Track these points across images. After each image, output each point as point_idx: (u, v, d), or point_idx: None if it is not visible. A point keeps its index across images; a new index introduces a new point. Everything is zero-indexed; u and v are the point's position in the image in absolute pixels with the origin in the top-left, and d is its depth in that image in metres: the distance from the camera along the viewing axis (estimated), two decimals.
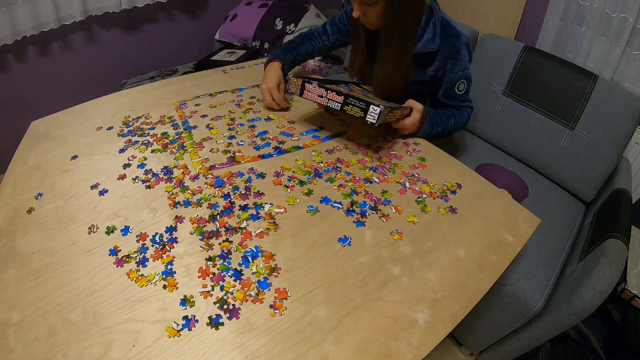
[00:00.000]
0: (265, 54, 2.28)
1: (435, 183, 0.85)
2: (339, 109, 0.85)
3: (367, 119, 0.80)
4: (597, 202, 1.26)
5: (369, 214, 0.75)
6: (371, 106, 0.80)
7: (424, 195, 0.81)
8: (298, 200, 0.76)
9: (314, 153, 0.90)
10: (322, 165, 0.86)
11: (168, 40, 2.41)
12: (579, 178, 1.32)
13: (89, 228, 0.71)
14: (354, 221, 0.73)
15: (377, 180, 0.83)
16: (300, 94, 0.91)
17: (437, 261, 0.68)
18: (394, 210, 0.76)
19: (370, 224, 0.73)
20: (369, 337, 0.56)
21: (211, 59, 2.23)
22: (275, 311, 0.57)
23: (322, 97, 0.87)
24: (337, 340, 0.55)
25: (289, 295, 0.60)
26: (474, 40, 1.56)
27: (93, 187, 0.80)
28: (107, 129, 0.98)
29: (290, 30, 2.27)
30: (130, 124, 1.00)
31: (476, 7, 1.79)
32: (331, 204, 0.76)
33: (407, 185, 0.83)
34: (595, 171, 1.28)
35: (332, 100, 0.86)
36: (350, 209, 0.76)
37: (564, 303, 0.88)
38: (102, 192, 0.79)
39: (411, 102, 0.98)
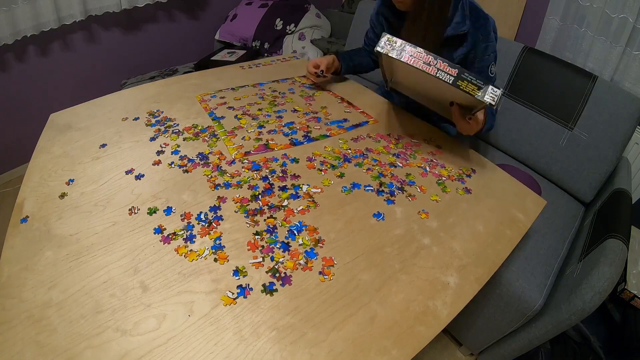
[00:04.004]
0: (266, 54, 2.32)
1: (452, 168, 0.93)
2: (450, 82, 0.75)
3: (485, 98, 0.73)
4: (597, 202, 1.25)
5: (396, 194, 0.82)
6: (490, 86, 0.73)
7: (443, 178, 0.89)
8: (332, 182, 0.83)
9: (340, 141, 0.97)
10: (349, 151, 0.93)
11: (168, 40, 2.43)
12: (578, 178, 1.32)
13: (130, 209, 0.73)
14: (384, 200, 0.80)
15: (401, 165, 0.91)
16: (399, 56, 0.78)
17: (459, 234, 0.75)
18: (418, 190, 0.84)
19: (399, 202, 0.80)
20: (409, 297, 0.62)
21: (211, 59, 2.25)
22: (325, 277, 0.63)
23: (429, 65, 0.76)
24: (382, 300, 0.61)
25: (335, 263, 0.66)
26: None
27: (128, 172, 0.83)
28: (133, 120, 1.02)
29: (290, 30, 2.31)
30: (156, 114, 1.04)
31: None
32: (363, 188, 0.83)
33: (428, 169, 0.91)
34: (594, 172, 1.27)
35: (442, 70, 0.75)
36: (380, 189, 0.83)
37: (564, 303, 0.88)
38: (139, 177, 0.82)
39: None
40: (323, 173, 0.85)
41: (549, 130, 1.36)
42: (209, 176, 0.83)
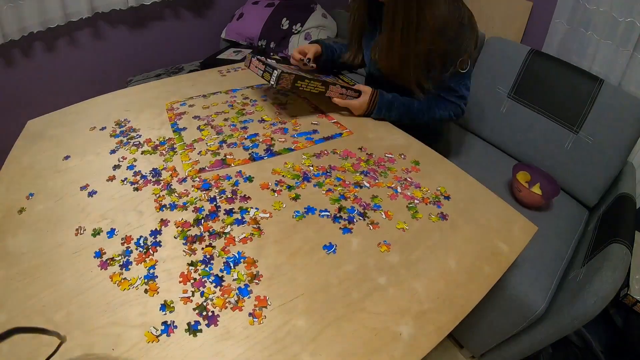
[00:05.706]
0: (272, 53, 2.28)
1: (428, 188, 0.82)
2: (260, 75, 0.99)
3: (270, 82, 0.94)
4: (601, 207, 1.26)
5: (356, 220, 0.73)
6: (274, 70, 0.94)
7: (416, 201, 0.78)
8: (284, 205, 0.75)
9: (304, 156, 0.89)
10: (311, 169, 0.84)
11: (174, 38, 2.41)
12: (583, 182, 1.32)
13: (77, 230, 0.71)
14: (340, 228, 0.71)
15: (368, 185, 0.81)
16: (248, 66, 1.07)
17: (425, 271, 0.66)
18: (383, 216, 0.74)
19: (358, 231, 0.71)
20: (349, 350, 0.54)
21: (217, 57, 2.24)
22: (254, 320, 0.56)
23: (257, 67, 1.02)
24: (316, 351, 0.53)
25: (269, 303, 0.58)
26: (481, 43, 1.55)
27: (83, 188, 0.80)
28: (100, 129, 0.99)
29: (296, 29, 2.26)
30: (122, 124, 1.00)
31: (482, 10, 1.79)
32: (317, 214, 0.74)
33: (399, 190, 0.80)
34: (598, 176, 1.27)
35: (259, 68, 1.01)
36: (338, 215, 0.74)
37: (567, 307, 0.88)
38: (91, 194, 0.79)
39: (360, 87, 1.05)
40: (276, 194, 0.77)
41: (554, 134, 1.35)
42: (157, 195, 0.77)
